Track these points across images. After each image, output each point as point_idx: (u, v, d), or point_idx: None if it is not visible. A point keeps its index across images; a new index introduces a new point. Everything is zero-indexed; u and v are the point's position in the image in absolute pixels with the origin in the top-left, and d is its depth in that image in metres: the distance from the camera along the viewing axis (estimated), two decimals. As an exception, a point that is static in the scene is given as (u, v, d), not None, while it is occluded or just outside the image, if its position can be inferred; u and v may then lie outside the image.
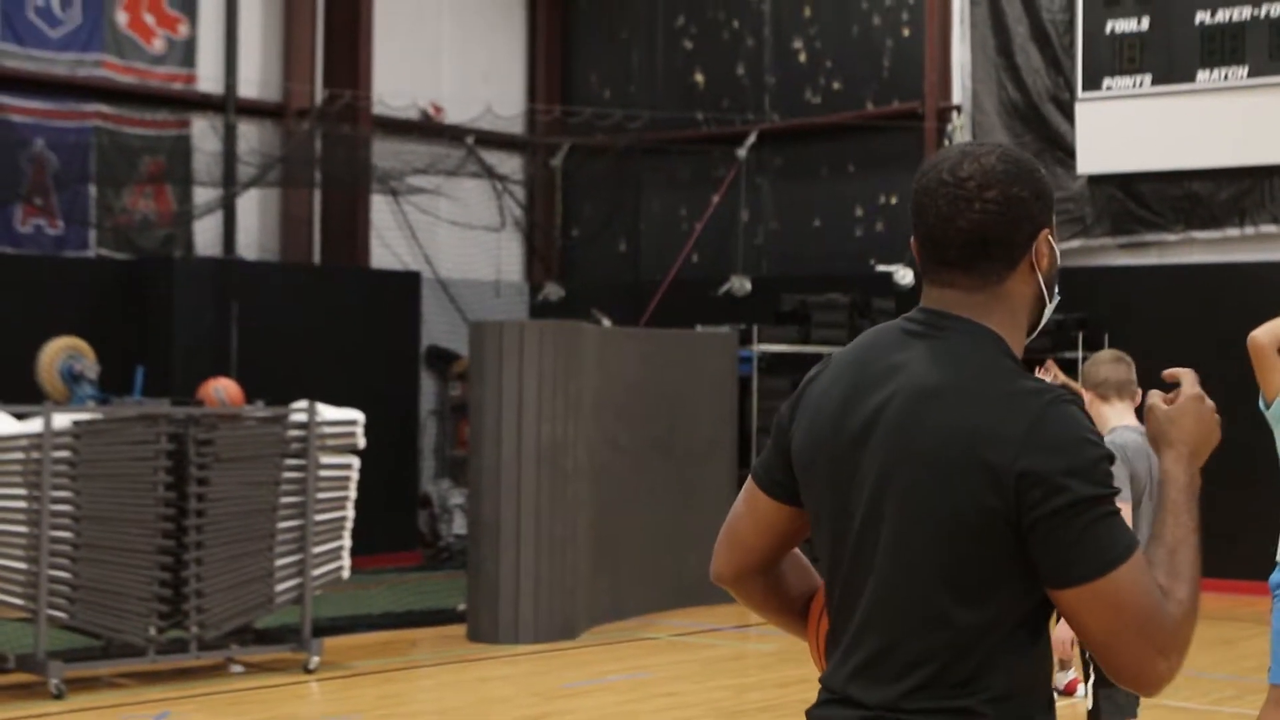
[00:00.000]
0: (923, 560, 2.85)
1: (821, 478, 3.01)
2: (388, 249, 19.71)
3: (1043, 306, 3.04)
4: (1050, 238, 2.99)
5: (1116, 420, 7.16)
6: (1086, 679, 7.29)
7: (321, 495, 12.01)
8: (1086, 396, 7.15)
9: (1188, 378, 3.10)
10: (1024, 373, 2.92)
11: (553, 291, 21.19)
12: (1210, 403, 3.05)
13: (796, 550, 3.28)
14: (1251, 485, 12.29)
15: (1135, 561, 2.77)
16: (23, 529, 10.72)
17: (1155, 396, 3.08)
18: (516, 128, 21.28)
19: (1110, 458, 2.83)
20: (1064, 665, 10.36)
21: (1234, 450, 8.18)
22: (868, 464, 2.92)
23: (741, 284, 19.69)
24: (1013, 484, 2.77)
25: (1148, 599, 2.77)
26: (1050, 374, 9.07)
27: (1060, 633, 7.17)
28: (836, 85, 19.62)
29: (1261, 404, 7.77)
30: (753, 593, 3.28)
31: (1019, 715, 2.86)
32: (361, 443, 12.27)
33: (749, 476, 3.20)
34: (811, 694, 3.07)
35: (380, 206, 19.65)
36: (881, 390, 2.94)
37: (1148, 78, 17.00)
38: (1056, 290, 3.05)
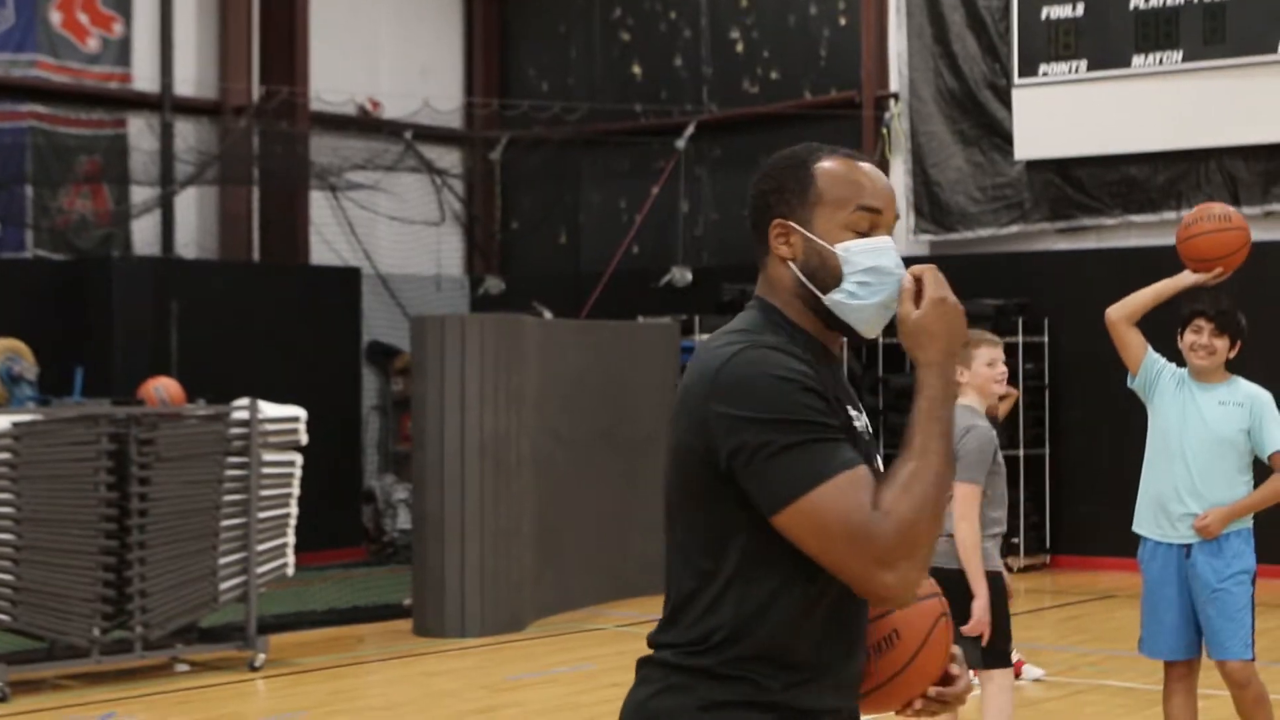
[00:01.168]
0: (674, 511, 3.08)
1: None
2: (327, 245, 19.65)
3: (815, 297, 3.09)
4: (784, 225, 3.12)
5: None
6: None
7: (264, 493, 11.98)
8: None
9: (929, 276, 3.06)
10: (760, 332, 3.05)
11: (493, 285, 21.17)
12: (954, 299, 3.03)
13: None
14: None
15: (836, 482, 2.87)
16: (-37, 532, 10.67)
17: (906, 295, 3.05)
18: (455, 122, 21.25)
19: (806, 390, 2.91)
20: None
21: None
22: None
23: (682, 275, 19.71)
24: (708, 427, 2.95)
25: (853, 515, 2.85)
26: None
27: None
28: (774, 75, 19.66)
29: (1129, 379, 7.81)
30: None
31: (741, 655, 2.98)
32: (304, 439, 12.25)
33: None
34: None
35: (319, 203, 19.59)
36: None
37: (1083, 63, 17.10)
38: (851, 288, 3.07)
